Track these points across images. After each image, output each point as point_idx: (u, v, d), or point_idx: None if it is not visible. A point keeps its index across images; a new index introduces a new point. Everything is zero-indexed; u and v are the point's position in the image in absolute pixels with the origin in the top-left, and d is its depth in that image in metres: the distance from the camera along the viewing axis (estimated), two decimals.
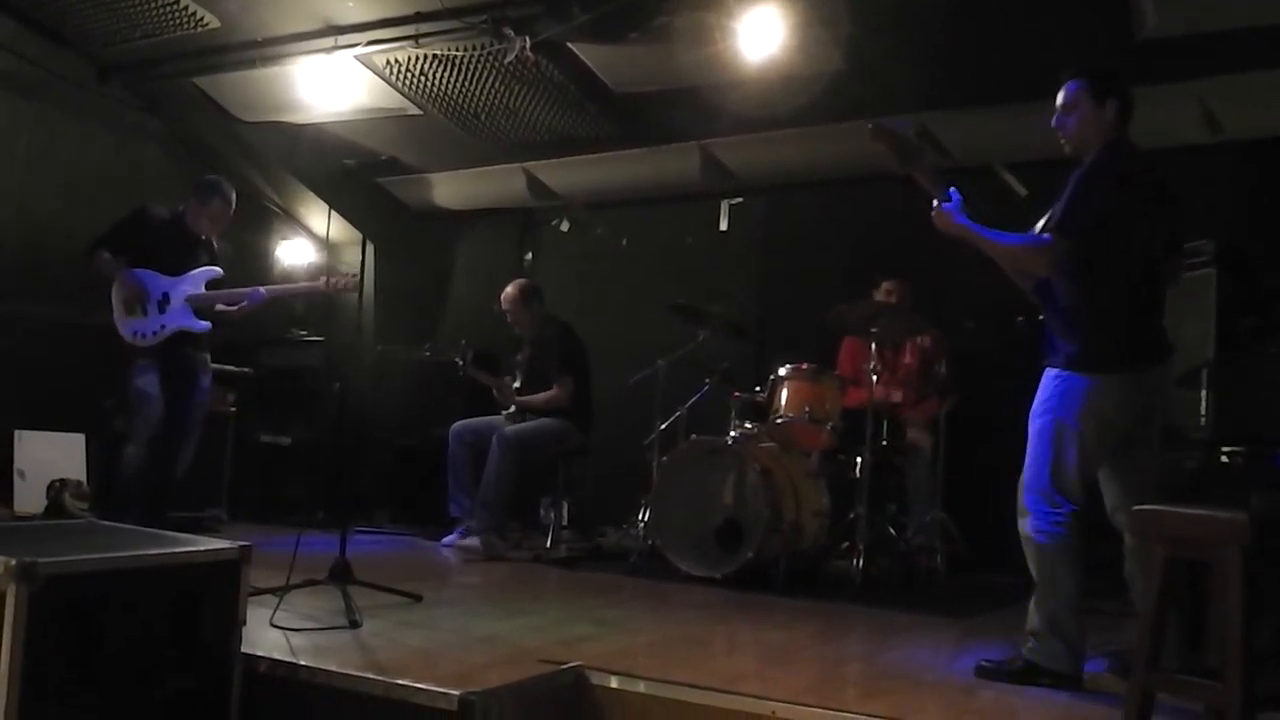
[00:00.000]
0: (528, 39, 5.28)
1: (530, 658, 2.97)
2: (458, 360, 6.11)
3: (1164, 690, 2.63)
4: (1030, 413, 3.21)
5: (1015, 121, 5.28)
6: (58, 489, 5.57)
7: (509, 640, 3.30)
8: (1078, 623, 3.12)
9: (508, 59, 5.46)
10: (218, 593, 2.69)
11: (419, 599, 3.78)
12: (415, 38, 5.57)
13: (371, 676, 2.65)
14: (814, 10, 4.89)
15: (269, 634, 3.05)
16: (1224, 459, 3.58)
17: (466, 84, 6.02)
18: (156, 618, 2.55)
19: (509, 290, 5.92)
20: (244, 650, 2.75)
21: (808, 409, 4.99)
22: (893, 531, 5.20)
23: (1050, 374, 3.18)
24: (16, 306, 6.09)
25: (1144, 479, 3.15)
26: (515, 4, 5.27)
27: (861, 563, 4.69)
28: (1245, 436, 3.57)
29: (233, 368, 6.39)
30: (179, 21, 5.85)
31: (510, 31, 5.28)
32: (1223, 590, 2.47)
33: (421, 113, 6.39)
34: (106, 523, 3.41)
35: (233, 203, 5.11)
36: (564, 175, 6.99)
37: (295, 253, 7.60)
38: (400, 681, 2.60)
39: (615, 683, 2.83)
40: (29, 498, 5.64)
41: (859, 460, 4.91)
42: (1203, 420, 3.87)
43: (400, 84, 6.10)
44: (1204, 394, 3.88)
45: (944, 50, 5.15)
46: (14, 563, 2.26)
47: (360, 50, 5.77)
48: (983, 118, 5.52)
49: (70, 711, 2.37)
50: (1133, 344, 3.13)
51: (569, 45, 5.47)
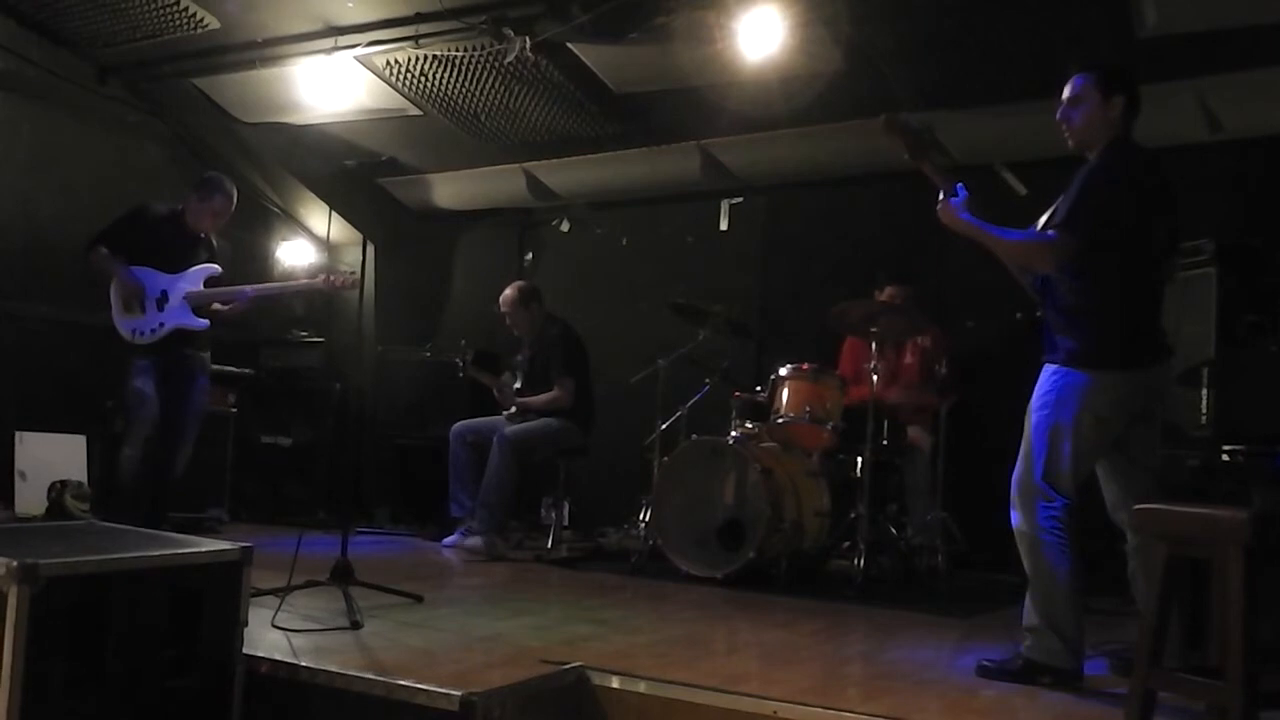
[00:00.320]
0: (528, 39, 5.28)
1: (531, 658, 2.97)
2: (458, 360, 6.12)
3: (1166, 688, 2.63)
4: (1028, 408, 3.21)
5: (1016, 120, 5.28)
6: (59, 490, 5.58)
7: (510, 640, 3.30)
8: (1075, 618, 3.11)
9: (508, 59, 5.46)
10: (219, 594, 2.70)
11: (420, 599, 3.79)
12: (415, 38, 5.57)
13: (373, 677, 2.65)
14: (814, 10, 4.88)
15: (270, 635, 3.06)
16: (1225, 457, 3.58)
17: (466, 84, 6.02)
18: (158, 619, 2.56)
19: (507, 293, 5.92)
20: (245, 651, 2.76)
21: (808, 409, 4.99)
22: (894, 531, 5.20)
23: (1049, 370, 3.18)
24: (18, 306, 6.09)
25: (1145, 478, 3.15)
26: (515, 4, 5.27)
27: (862, 562, 4.69)
28: (1246, 434, 3.57)
29: (234, 368, 6.40)
30: (179, 22, 5.85)
31: (510, 32, 5.28)
32: (1224, 589, 2.47)
33: (421, 113, 6.39)
34: (107, 524, 3.41)
35: (234, 199, 5.10)
36: (564, 175, 6.99)
37: (296, 253, 7.60)
38: (401, 682, 2.61)
39: (616, 683, 2.84)
40: (30, 499, 5.64)
41: (860, 460, 4.91)
42: (1204, 418, 3.87)
43: (400, 84, 6.10)
44: (1205, 392, 3.88)
45: (944, 49, 5.14)
46: (15, 564, 2.26)
47: (360, 51, 5.77)
48: (983, 117, 5.52)
49: (71, 712, 2.37)
50: (1132, 342, 3.13)
51: (569, 45, 5.47)
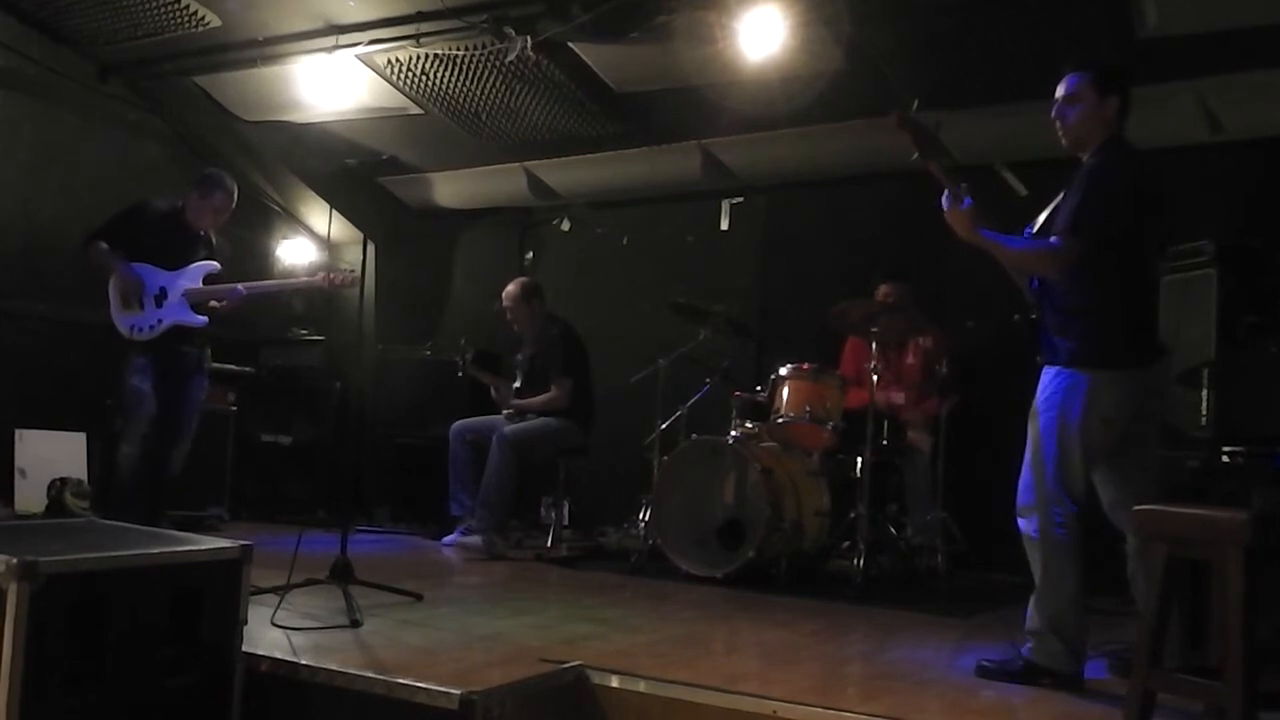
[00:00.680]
0: (529, 38, 5.27)
1: (531, 657, 2.97)
2: (458, 360, 6.12)
3: (1165, 689, 2.63)
4: (1030, 411, 3.21)
5: (1016, 120, 5.27)
6: (59, 488, 5.57)
7: (510, 639, 3.30)
8: (1079, 622, 3.12)
9: (509, 58, 5.46)
10: (219, 592, 2.70)
11: (420, 598, 3.79)
12: (416, 37, 5.56)
13: (372, 675, 2.66)
14: (815, 9, 4.88)
15: (270, 633, 3.06)
16: (1225, 458, 3.58)
17: (467, 83, 6.02)
18: (157, 617, 2.56)
19: (510, 288, 5.92)
20: (245, 649, 2.76)
21: (809, 408, 4.99)
22: (894, 531, 5.20)
23: (1050, 372, 3.18)
24: (18, 305, 6.08)
25: (1143, 477, 3.15)
26: (516, 3, 5.26)
27: (862, 562, 4.69)
28: (1246, 435, 3.57)
29: (234, 367, 6.40)
30: (180, 20, 5.84)
31: (511, 31, 5.28)
32: (1224, 589, 2.47)
33: (422, 112, 6.38)
34: (107, 522, 3.41)
35: (235, 196, 5.10)
36: (565, 174, 6.99)
37: (296, 252, 7.60)
38: (401, 680, 2.61)
39: (616, 682, 2.84)
40: (30, 496, 5.64)
41: (860, 460, 4.91)
42: (1204, 419, 3.87)
43: (401, 83, 6.09)
44: (1205, 393, 3.87)
45: (944, 49, 5.14)
46: (15, 561, 2.26)
47: (361, 50, 5.77)
48: (984, 117, 5.51)
49: (71, 710, 2.37)
50: (1134, 341, 3.14)
51: (570, 45, 5.46)
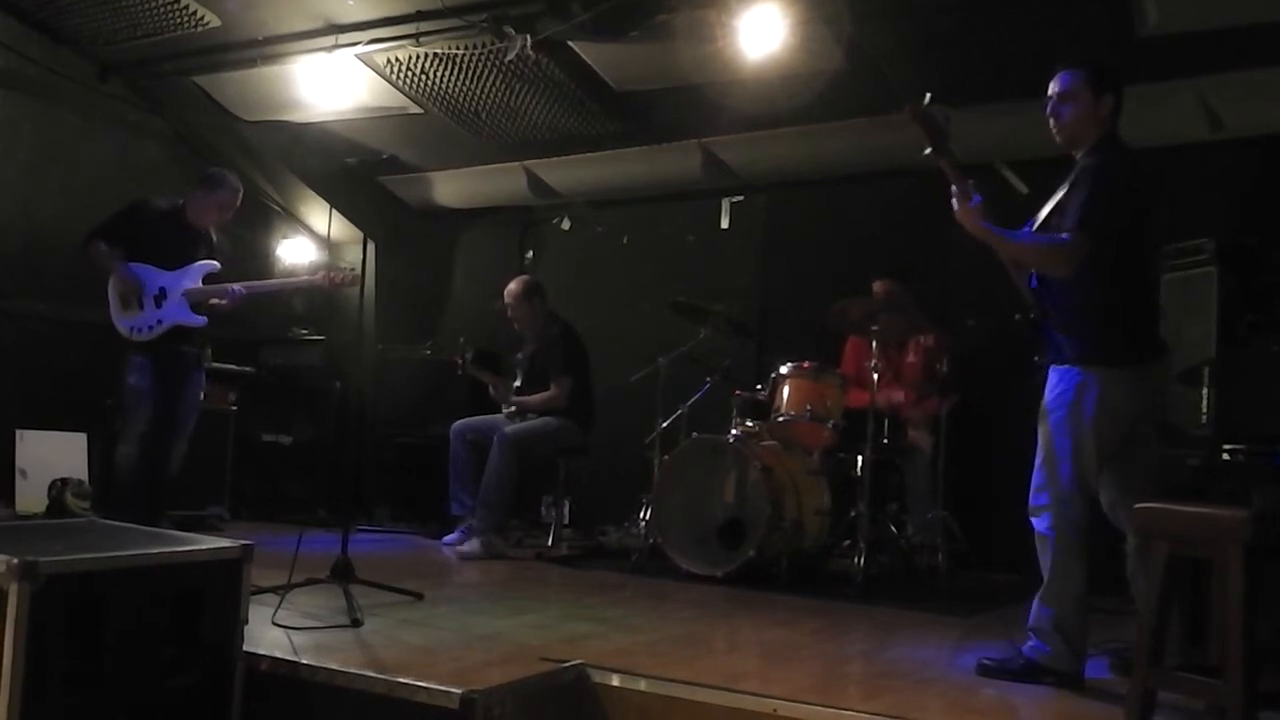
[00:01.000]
0: (528, 37, 5.27)
1: (532, 656, 2.97)
2: (458, 359, 6.12)
3: (1165, 688, 2.63)
4: (1040, 411, 3.20)
5: (1016, 119, 5.26)
6: (59, 488, 5.58)
7: (510, 638, 3.30)
8: (1082, 622, 3.12)
9: (508, 57, 5.46)
10: (219, 591, 2.70)
11: (420, 597, 3.79)
12: (416, 36, 5.56)
13: (373, 675, 2.66)
14: (815, 8, 4.88)
15: (271, 632, 3.06)
16: (1225, 456, 3.58)
17: (467, 82, 6.02)
18: (158, 616, 2.56)
19: (512, 286, 5.91)
20: (246, 649, 2.76)
21: (809, 407, 4.99)
22: (894, 530, 5.20)
23: (1059, 372, 3.17)
24: (18, 305, 6.09)
25: (1144, 476, 3.15)
26: (516, 2, 5.26)
27: (863, 561, 4.69)
28: (1246, 434, 3.57)
29: (234, 366, 6.40)
30: (180, 20, 5.84)
31: (511, 30, 5.28)
32: (1224, 588, 2.47)
33: (422, 111, 6.38)
34: (108, 522, 3.41)
35: (240, 192, 5.10)
36: (565, 173, 6.98)
37: (296, 251, 7.60)
38: (402, 680, 2.61)
39: (617, 681, 2.84)
40: (30, 496, 5.64)
41: (860, 458, 4.91)
42: (1204, 418, 3.87)
43: (401, 83, 6.09)
44: (1205, 391, 3.88)
45: (945, 48, 5.13)
46: (16, 561, 2.26)
47: (361, 49, 5.77)
48: (984, 115, 5.50)
49: (72, 710, 2.37)
50: (1139, 339, 3.14)
51: (570, 43, 5.46)
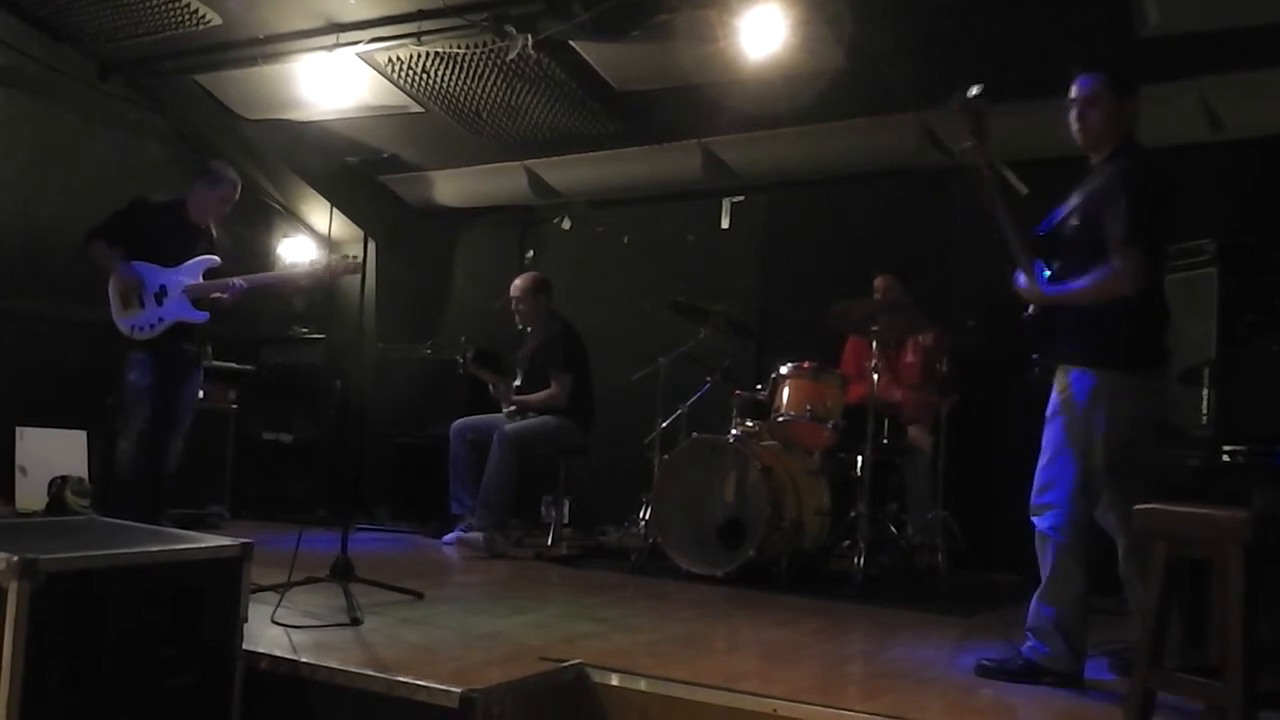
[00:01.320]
0: (529, 37, 5.28)
1: (531, 655, 2.97)
2: (458, 358, 6.12)
3: (1165, 688, 2.63)
4: (1050, 410, 3.19)
5: (1016, 120, 5.25)
6: (59, 485, 5.58)
7: (510, 638, 3.30)
8: (1082, 622, 3.13)
9: (509, 57, 5.46)
10: (219, 590, 2.70)
11: (420, 596, 3.79)
12: (417, 35, 5.56)
13: (373, 674, 2.66)
14: (816, 8, 4.88)
15: (270, 631, 3.06)
16: (1225, 457, 3.58)
17: (468, 82, 6.02)
18: (158, 615, 2.56)
19: (520, 281, 5.91)
20: (245, 647, 2.76)
21: (809, 407, 4.99)
22: (894, 530, 5.20)
23: (1075, 373, 3.16)
24: (18, 303, 6.09)
25: (1139, 480, 3.14)
26: (517, 2, 5.26)
27: (863, 561, 4.69)
28: (1246, 434, 3.57)
29: (235, 365, 6.40)
30: (181, 19, 5.84)
31: (512, 29, 5.28)
32: (1224, 589, 2.47)
33: (423, 110, 6.38)
34: (108, 519, 3.41)
35: (239, 187, 5.10)
36: (565, 173, 6.99)
37: (297, 250, 7.61)
38: (401, 679, 2.61)
39: (616, 680, 2.84)
40: (30, 494, 5.65)
41: (860, 458, 4.91)
42: (1204, 418, 3.87)
43: (402, 81, 6.10)
44: (1205, 392, 3.88)
45: (945, 48, 5.14)
46: (16, 559, 2.26)
47: (362, 48, 5.77)
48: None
49: (71, 709, 2.37)
50: (1152, 343, 3.16)
51: (571, 43, 5.46)
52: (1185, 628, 2.99)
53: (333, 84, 6.02)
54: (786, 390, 5.06)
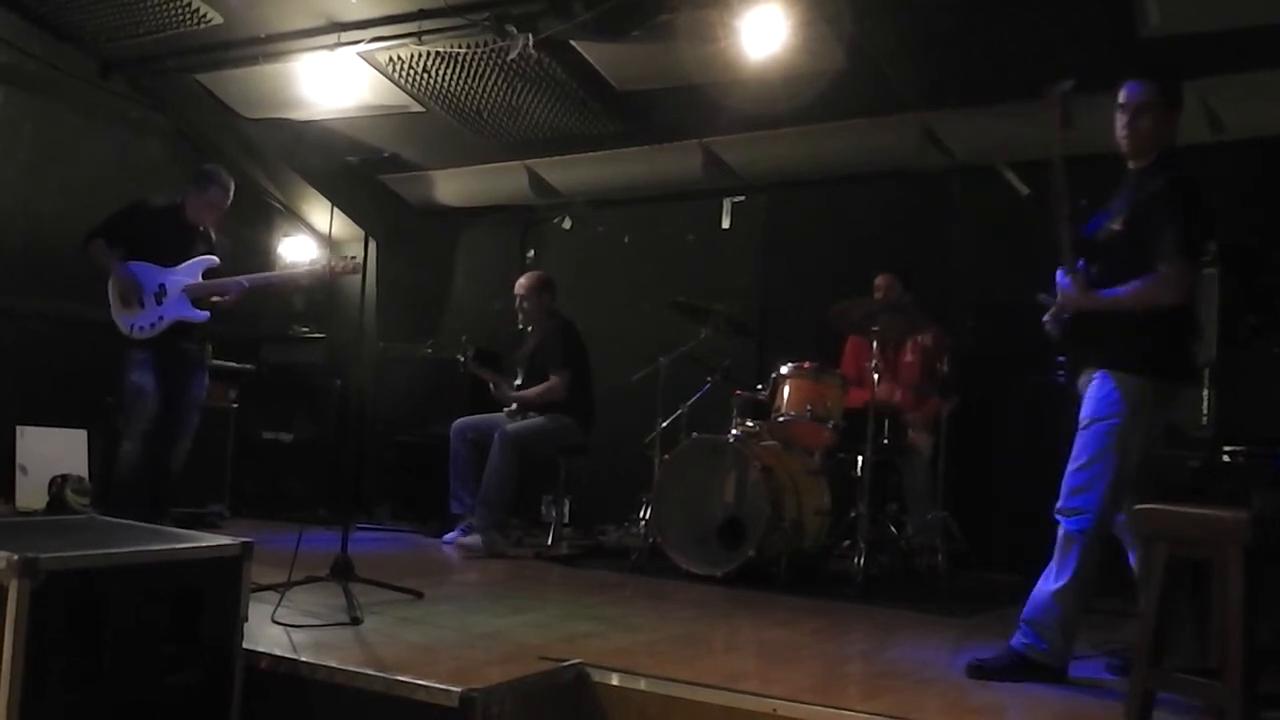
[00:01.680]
0: (530, 36, 5.28)
1: (531, 655, 2.97)
2: (459, 357, 6.11)
3: (1165, 688, 2.63)
4: (1089, 413, 3.18)
5: (1017, 120, 5.27)
6: (59, 484, 5.58)
7: (510, 637, 3.30)
8: (1078, 621, 3.16)
9: (510, 56, 5.46)
10: (219, 589, 2.70)
11: (420, 596, 3.79)
12: (418, 35, 5.56)
13: (372, 673, 2.66)
14: (816, 8, 4.88)
15: (270, 630, 3.06)
16: (1225, 458, 3.58)
17: (469, 81, 6.02)
18: (158, 614, 2.56)
19: (525, 278, 5.91)
20: (245, 646, 2.76)
21: (809, 407, 4.99)
22: (894, 530, 5.20)
23: (1113, 379, 3.14)
24: (19, 302, 6.09)
25: (1145, 481, 3.16)
26: (518, 1, 5.26)
27: (863, 561, 4.69)
28: (1247, 436, 3.57)
29: (235, 364, 6.40)
30: (182, 17, 5.84)
31: (513, 29, 5.28)
32: (1224, 589, 2.47)
33: (424, 110, 6.38)
34: (108, 519, 3.41)
35: (230, 190, 5.11)
36: (566, 173, 6.99)
37: (297, 249, 7.61)
38: (401, 678, 2.61)
39: (616, 680, 2.84)
40: (31, 493, 5.65)
41: (860, 459, 4.91)
42: (1204, 419, 3.87)
43: (403, 81, 6.10)
44: (1205, 393, 3.88)
45: (947, 48, 5.14)
46: (16, 558, 2.26)
47: (363, 47, 5.77)
48: (985, 116, 5.51)
49: (71, 708, 2.37)
50: (1189, 354, 3.21)
51: (572, 43, 5.47)
52: (1194, 629, 3.00)
53: (333, 83, 6.02)
54: (787, 390, 5.06)
